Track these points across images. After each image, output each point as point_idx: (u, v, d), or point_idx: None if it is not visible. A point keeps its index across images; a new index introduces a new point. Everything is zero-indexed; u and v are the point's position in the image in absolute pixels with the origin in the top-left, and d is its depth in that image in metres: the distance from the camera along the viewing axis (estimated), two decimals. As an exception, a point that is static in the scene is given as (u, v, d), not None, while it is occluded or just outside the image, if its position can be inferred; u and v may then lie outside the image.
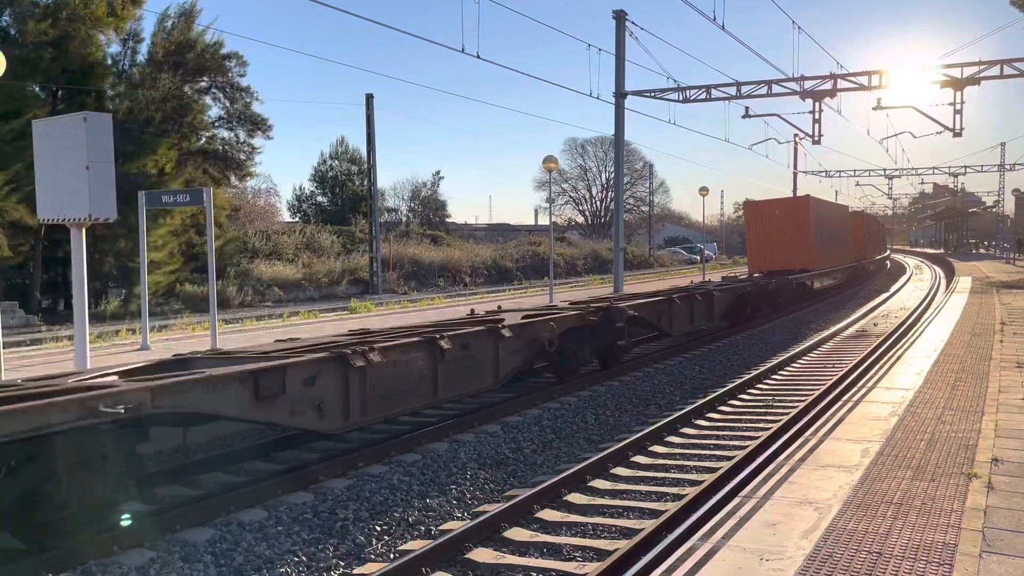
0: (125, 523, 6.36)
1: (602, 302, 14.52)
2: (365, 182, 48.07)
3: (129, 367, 7.82)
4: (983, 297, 22.30)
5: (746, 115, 30.64)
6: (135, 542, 6.21)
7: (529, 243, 59.11)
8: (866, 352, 15.39)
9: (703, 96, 28.38)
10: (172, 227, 32.49)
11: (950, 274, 38.21)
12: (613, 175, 40.30)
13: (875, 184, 76.94)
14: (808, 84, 27.12)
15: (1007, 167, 67.60)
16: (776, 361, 15.19)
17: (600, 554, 6.22)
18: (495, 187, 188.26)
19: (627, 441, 9.27)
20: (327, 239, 45.70)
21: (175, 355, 8.89)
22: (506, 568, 6.08)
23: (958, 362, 11.16)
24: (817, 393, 11.61)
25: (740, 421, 10.88)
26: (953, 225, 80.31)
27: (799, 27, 27.95)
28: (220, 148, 37.96)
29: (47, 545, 5.67)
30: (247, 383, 7.03)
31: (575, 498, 7.63)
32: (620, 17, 25.96)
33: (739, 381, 13.05)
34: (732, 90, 28.33)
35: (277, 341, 10.31)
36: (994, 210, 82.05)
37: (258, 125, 38.36)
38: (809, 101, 27.74)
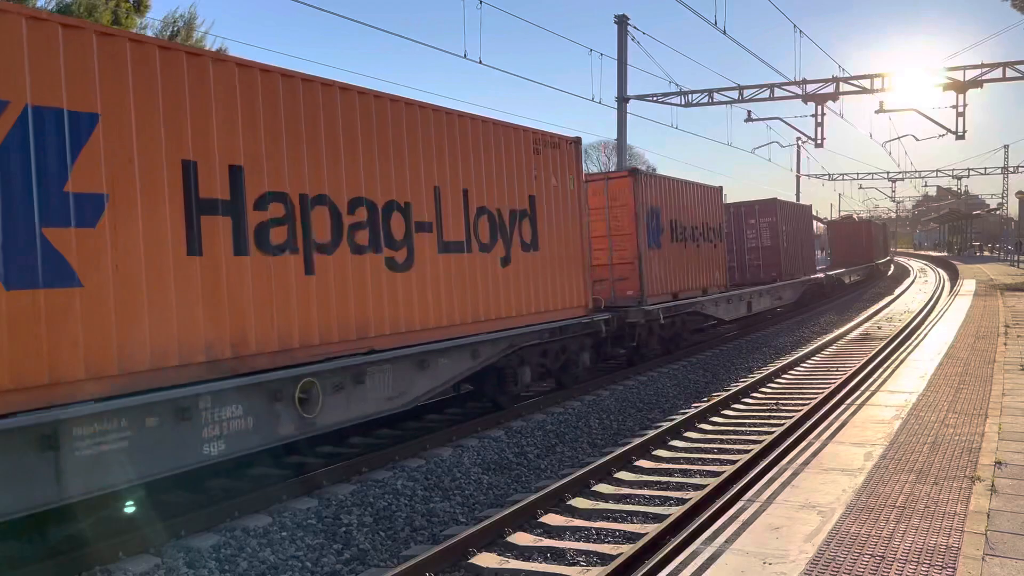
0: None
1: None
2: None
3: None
4: (987, 300, 22.26)
5: (748, 119, 30.63)
6: (141, 548, 6.23)
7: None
8: (870, 355, 15.38)
9: (705, 100, 28.42)
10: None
11: (954, 277, 38.15)
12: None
13: (878, 187, 76.98)
14: (810, 87, 27.12)
15: (1010, 169, 67.68)
16: (780, 365, 15.18)
17: (604, 558, 6.23)
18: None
19: (630, 445, 9.27)
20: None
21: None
22: (509, 573, 6.09)
23: (962, 365, 11.15)
24: (820, 397, 11.60)
25: (743, 425, 10.87)
26: (957, 228, 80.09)
27: (801, 31, 28.07)
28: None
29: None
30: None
31: (579, 502, 7.64)
32: (622, 22, 25.96)
33: (743, 385, 13.06)
34: (734, 94, 28.34)
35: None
36: (998, 212, 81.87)
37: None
38: (811, 104, 27.78)
